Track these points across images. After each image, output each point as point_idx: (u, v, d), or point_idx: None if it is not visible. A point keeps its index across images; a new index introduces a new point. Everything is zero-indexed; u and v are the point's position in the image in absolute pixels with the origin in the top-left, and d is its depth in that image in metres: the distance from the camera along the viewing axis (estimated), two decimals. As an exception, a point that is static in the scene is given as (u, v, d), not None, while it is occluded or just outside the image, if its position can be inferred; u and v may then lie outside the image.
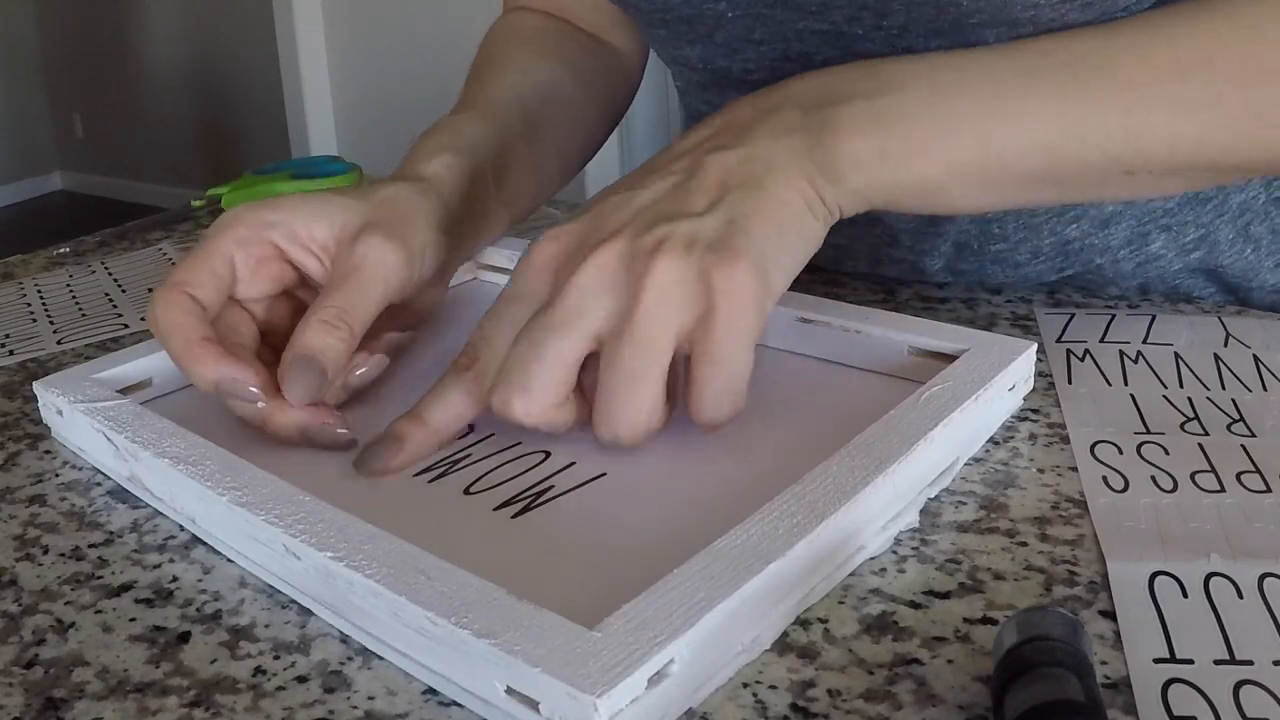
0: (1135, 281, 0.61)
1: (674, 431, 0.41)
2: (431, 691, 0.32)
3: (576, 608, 0.31)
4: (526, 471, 0.42)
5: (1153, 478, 0.40)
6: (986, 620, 0.33)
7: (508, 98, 0.62)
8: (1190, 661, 0.31)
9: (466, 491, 0.41)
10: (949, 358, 0.45)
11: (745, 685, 0.31)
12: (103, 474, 0.45)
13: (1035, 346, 0.46)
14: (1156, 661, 0.31)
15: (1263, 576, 0.34)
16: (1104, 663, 0.31)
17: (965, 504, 0.40)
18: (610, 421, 0.40)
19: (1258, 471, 0.40)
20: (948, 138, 0.43)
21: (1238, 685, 0.30)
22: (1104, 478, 0.41)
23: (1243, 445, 0.42)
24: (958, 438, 0.41)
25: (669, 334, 0.39)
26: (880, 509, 0.37)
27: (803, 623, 0.34)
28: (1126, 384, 0.48)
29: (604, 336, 0.40)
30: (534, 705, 0.29)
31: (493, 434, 0.45)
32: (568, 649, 0.29)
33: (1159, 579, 0.35)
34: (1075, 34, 0.45)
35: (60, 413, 0.46)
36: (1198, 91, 0.43)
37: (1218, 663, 0.31)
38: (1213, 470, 0.41)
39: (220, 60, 4.38)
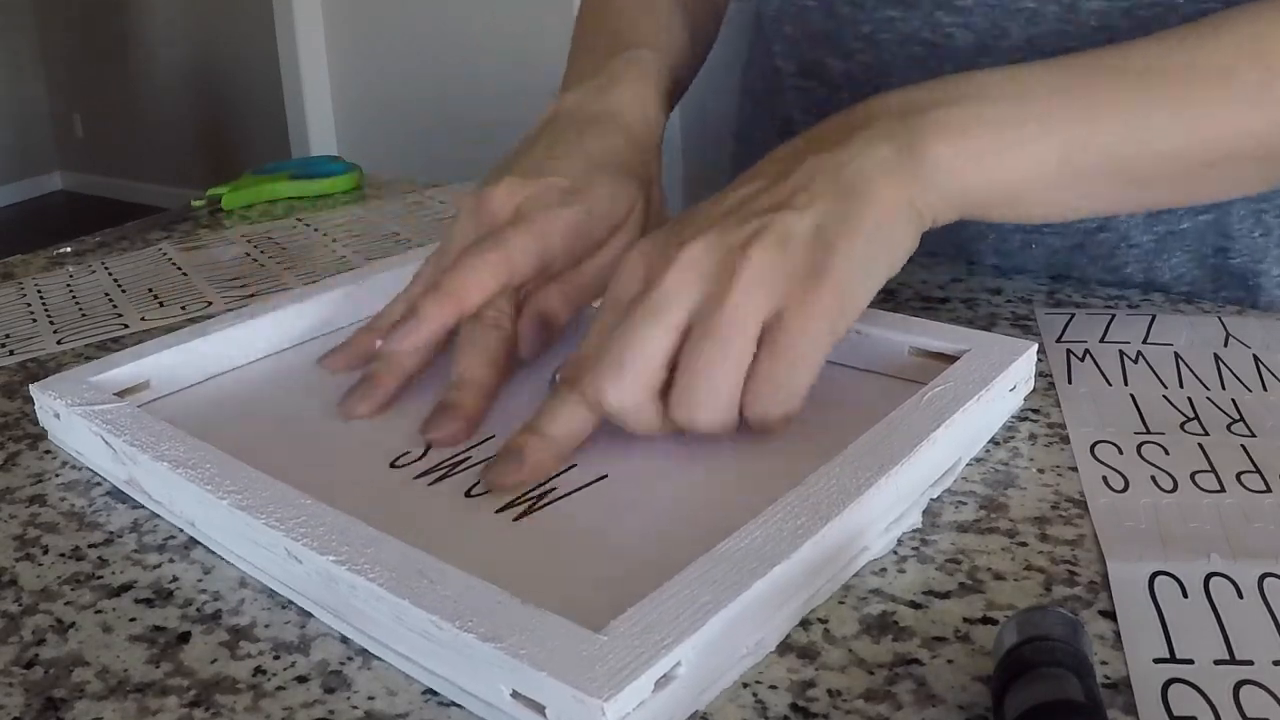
0: (1145, 238, 0.61)
1: (674, 434, 0.41)
2: (431, 692, 0.32)
3: (580, 611, 0.30)
4: None
5: (1153, 478, 0.40)
6: (986, 620, 0.33)
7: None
8: (1190, 661, 0.31)
9: (468, 494, 0.41)
10: (950, 358, 0.45)
11: (745, 685, 0.31)
12: (103, 475, 0.45)
13: (1036, 347, 0.46)
14: (1157, 661, 0.31)
15: (1263, 576, 0.34)
16: (1104, 663, 0.31)
17: (965, 504, 0.40)
18: (689, 404, 0.39)
19: (1258, 471, 0.40)
20: (1029, 144, 0.43)
21: (1238, 685, 0.30)
22: (1104, 478, 0.41)
23: (1243, 445, 0.42)
24: (959, 438, 0.41)
25: (755, 325, 0.39)
26: (883, 510, 0.37)
27: (803, 623, 0.34)
28: (1126, 384, 0.48)
29: (693, 326, 0.39)
30: (540, 709, 0.29)
31: (493, 436, 0.45)
32: (574, 652, 0.28)
33: (1159, 579, 0.35)
34: (1125, 45, 0.46)
35: (57, 416, 0.46)
36: (1248, 81, 0.45)
37: (1218, 663, 0.31)
38: (1213, 470, 0.41)
39: (220, 60, 4.38)
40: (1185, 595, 0.34)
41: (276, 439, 0.46)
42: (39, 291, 0.69)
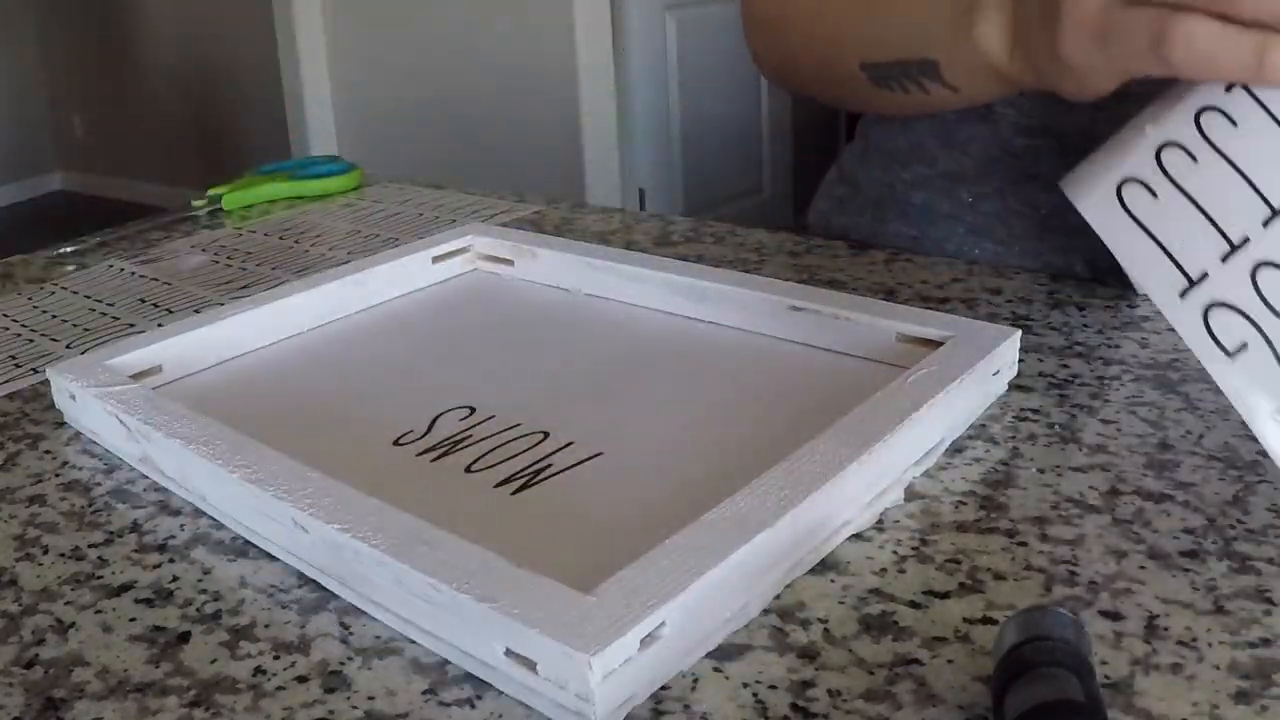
0: None
1: (669, 412, 0.42)
2: (431, 691, 0.32)
3: (573, 576, 0.32)
4: (526, 450, 0.43)
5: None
6: (986, 620, 0.33)
7: None
8: (1205, 275, 0.29)
9: (468, 470, 0.42)
10: (935, 344, 0.47)
11: (745, 685, 0.31)
12: (102, 474, 0.45)
13: (1019, 334, 0.47)
14: (1184, 295, 0.30)
15: (1198, 115, 0.32)
16: (1104, 663, 0.31)
17: (965, 504, 0.40)
18: None
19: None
20: None
21: (1253, 272, 0.29)
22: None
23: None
24: (942, 419, 0.42)
25: None
26: (865, 486, 0.38)
27: (803, 623, 0.34)
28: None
29: None
30: (531, 666, 0.30)
31: (493, 416, 0.46)
32: (564, 612, 0.30)
33: (1126, 189, 0.33)
34: None
35: (73, 397, 0.48)
36: None
37: (1225, 259, 0.29)
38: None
39: (220, 60, 4.38)
40: (1155, 195, 0.32)
41: (284, 419, 0.48)
42: (23, 324, 0.69)
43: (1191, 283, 0.30)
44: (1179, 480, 0.40)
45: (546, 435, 0.44)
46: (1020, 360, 0.49)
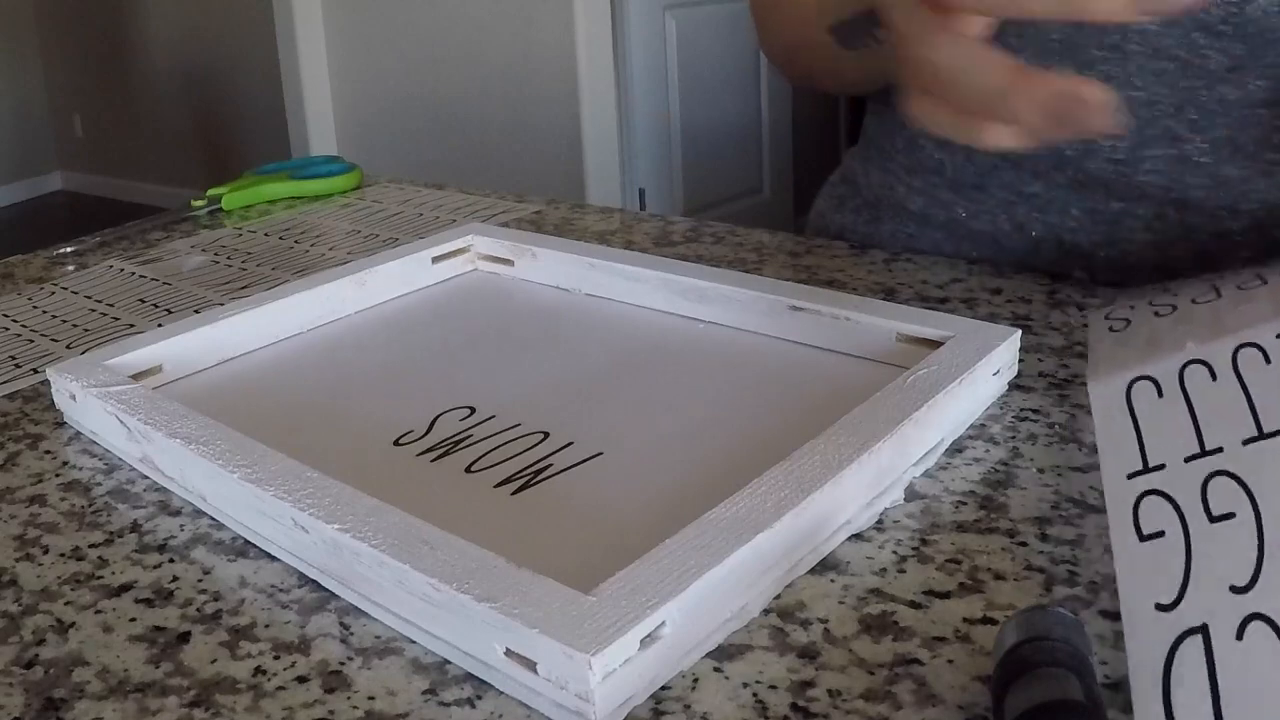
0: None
1: (669, 413, 0.42)
2: (431, 691, 0.32)
3: (572, 576, 0.32)
4: (526, 451, 0.43)
5: (1155, 312, 0.40)
6: (986, 620, 0.33)
7: None
8: (1162, 467, 0.30)
9: (468, 470, 0.42)
10: (935, 344, 0.47)
11: (745, 685, 0.31)
12: (102, 474, 0.45)
13: (1019, 334, 0.47)
14: (1130, 476, 0.30)
15: (1237, 349, 0.33)
16: (1104, 663, 0.31)
17: (965, 504, 0.40)
18: None
19: (1259, 278, 0.39)
20: None
21: (1206, 480, 0.29)
22: (1110, 327, 0.40)
23: (1259, 274, 0.40)
24: (941, 420, 0.42)
25: None
26: (865, 486, 0.38)
27: (803, 623, 0.34)
28: (1155, 302, 0.47)
29: None
30: (532, 666, 0.30)
31: (494, 416, 0.46)
32: (564, 612, 0.30)
33: (1137, 385, 0.34)
34: None
35: (74, 397, 0.48)
36: None
37: (1188, 460, 0.30)
38: (1215, 290, 0.40)
39: (220, 60, 4.38)
40: (1160, 395, 0.33)
41: (284, 419, 0.48)
42: (23, 324, 0.69)
43: (1145, 469, 0.31)
44: (1179, 480, 0.40)
45: (546, 435, 0.44)
46: (1020, 360, 0.49)
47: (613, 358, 0.52)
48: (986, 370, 0.45)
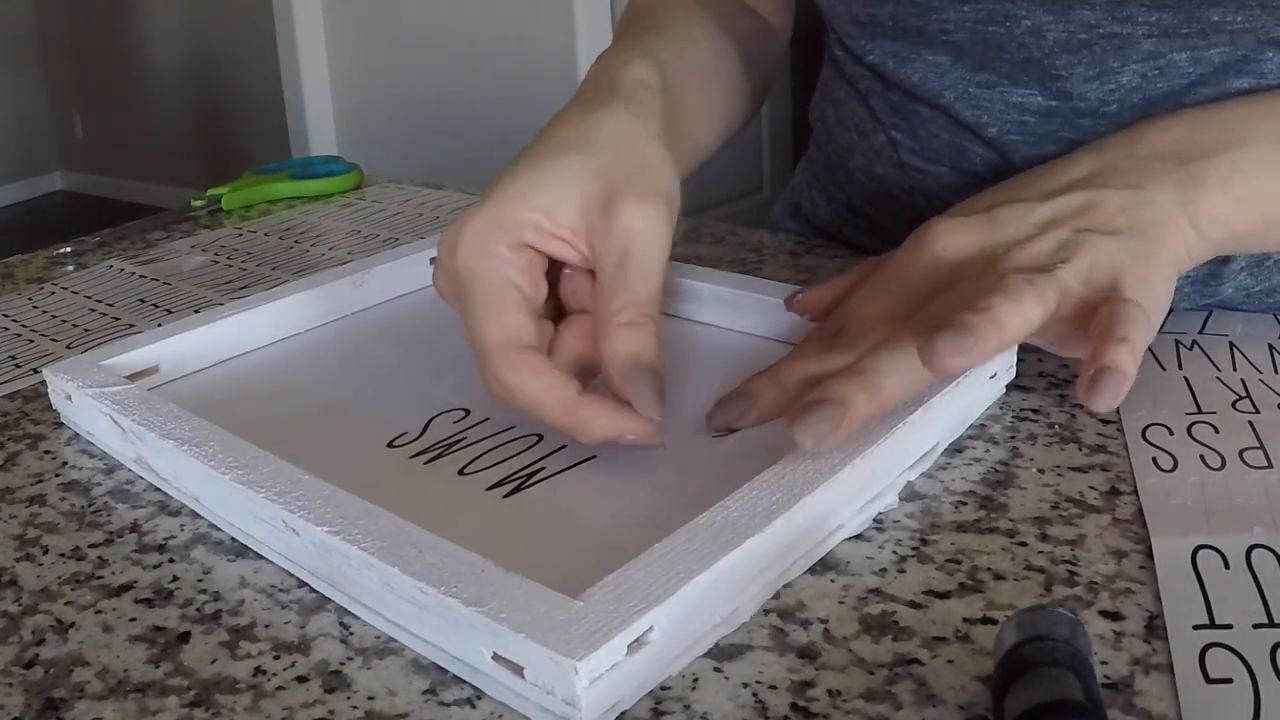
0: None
1: (664, 416, 0.42)
2: (431, 691, 0.32)
3: (562, 580, 0.32)
4: (519, 454, 0.43)
5: (1201, 456, 0.41)
6: (986, 620, 0.33)
7: (679, 38, 0.59)
8: (1229, 626, 0.31)
9: (461, 472, 0.42)
10: None
11: (745, 685, 0.31)
12: (102, 474, 0.45)
13: None
14: (1197, 628, 0.31)
15: None
16: (1104, 663, 0.31)
17: (965, 504, 0.40)
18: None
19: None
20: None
21: (1275, 645, 0.30)
22: (1154, 459, 0.41)
23: None
24: (937, 423, 0.42)
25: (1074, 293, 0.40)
26: (858, 489, 0.38)
27: (803, 623, 0.34)
28: (1181, 368, 0.48)
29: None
30: (519, 670, 0.30)
31: (488, 418, 0.46)
32: (551, 616, 0.30)
33: (1201, 552, 0.35)
34: None
35: (69, 398, 0.48)
36: None
37: (1256, 626, 0.31)
38: (1261, 447, 0.41)
39: (220, 60, 4.38)
40: (1227, 566, 0.34)
41: (279, 420, 0.48)
42: (23, 324, 0.69)
43: (1212, 624, 0.32)
44: (1179, 480, 0.40)
45: (540, 438, 0.44)
46: (1020, 360, 0.48)
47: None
48: (983, 374, 0.45)
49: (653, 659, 0.31)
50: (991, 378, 0.46)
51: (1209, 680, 0.29)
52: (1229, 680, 0.29)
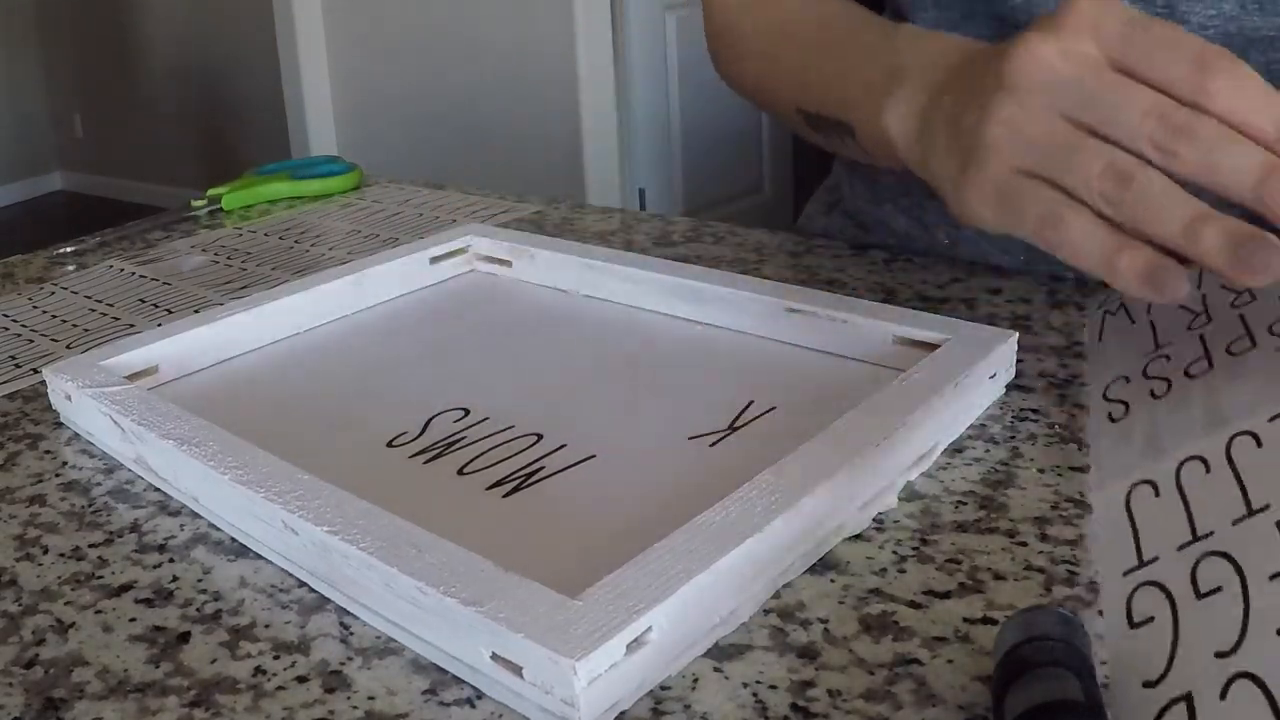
0: None
1: (663, 415, 0.42)
2: (431, 691, 0.32)
3: (561, 580, 0.32)
4: (519, 453, 0.43)
5: (1151, 390, 0.40)
6: (986, 620, 0.33)
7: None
8: (1155, 559, 0.31)
9: (460, 472, 0.42)
10: (932, 346, 0.46)
11: (745, 685, 0.31)
12: (102, 474, 0.45)
13: (1016, 336, 0.47)
14: (1126, 573, 0.31)
15: (1231, 439, 0.33)
16: (1104, 663, 0.31)
17: (965, 504, 0.40)
18: None
19: (1247, 334, 0.39)
20: None
21: (1196, 563, 0.29)
22: (1109, 414, 0.40)
23: (1241, 315, 0.41)
24: (937, 423, 0.42)
25: None
26: (858, 490, 0.38)
27: (803, 623, 0.34)
28: (1149, 313, 0.47)
29: None
30: (517, 670, 0.30)
31: (488, 418, 0.46)
32: (550, 616, 0.30)
33: (1136, 489, 0.34)
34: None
35: (69, 398, 0.48)
36: None
37: (1180, 548, 0.30)
38: (1206, 356, 0.40)
39: (220, 60, 4.38)
40: (1158, 495, 0.33)
41: (279, 420, 0.48)
42: (23, 324, 0.69)
43: (1141, 564, 0.31)
44: (1179, 480, 0.40)
45: (540, 438, 0.44)
46: (1020, 360, 0.49)
47: (608, 360, 0.52)
48: (983, 374, 0.45)
49: (652, 659, 0.31)
50: (991, 378, 0.46)
51: (1133, 625, 0.29)
52: (1151, 619, 0.28)
